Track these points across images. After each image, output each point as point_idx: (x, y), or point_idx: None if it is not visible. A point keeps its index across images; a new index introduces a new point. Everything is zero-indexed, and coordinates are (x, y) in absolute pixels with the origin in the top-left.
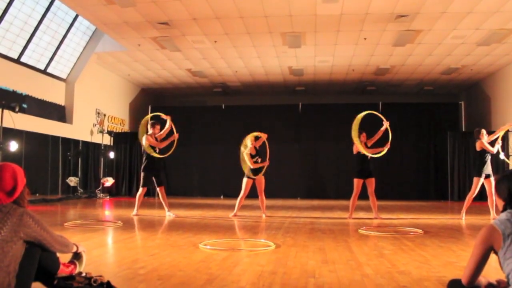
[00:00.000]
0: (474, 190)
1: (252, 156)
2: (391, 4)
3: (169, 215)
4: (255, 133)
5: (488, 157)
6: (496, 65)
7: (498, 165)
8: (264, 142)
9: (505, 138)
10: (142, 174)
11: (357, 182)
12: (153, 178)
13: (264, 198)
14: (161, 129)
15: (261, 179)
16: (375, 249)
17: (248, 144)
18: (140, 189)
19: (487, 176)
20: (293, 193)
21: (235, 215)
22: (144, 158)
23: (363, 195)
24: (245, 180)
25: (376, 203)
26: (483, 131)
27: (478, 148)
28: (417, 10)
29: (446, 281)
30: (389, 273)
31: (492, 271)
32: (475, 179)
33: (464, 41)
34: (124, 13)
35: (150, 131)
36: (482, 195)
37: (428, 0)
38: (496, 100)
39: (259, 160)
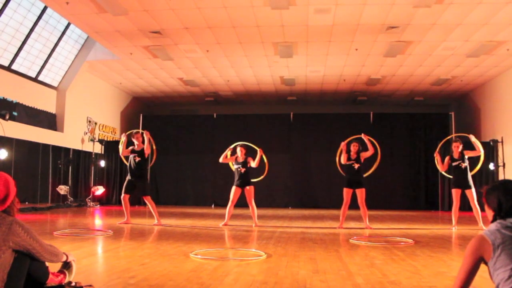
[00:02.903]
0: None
1: (241, 165)
2: (382, 16)
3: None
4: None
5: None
6: (486, 76)
7: (488, 175)
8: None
9: (493, 148)
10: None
11: (346, 192)
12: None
13: (254, 207)
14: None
15: (250, 189)
16: (366, 259)
17: (238, 152)
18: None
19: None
20: (284, 203)
21: (225, 224)
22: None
23: (354, 205)
24: (233, 188)
25: (366, 213)
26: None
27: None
28: (408, 21)
29: None
30: (380, 283)
31: (482, 281)
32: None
33: (454, 53)
34: (116, 22)
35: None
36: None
37: (418, 12)
38: (485, 110)
39: (242, 170)
